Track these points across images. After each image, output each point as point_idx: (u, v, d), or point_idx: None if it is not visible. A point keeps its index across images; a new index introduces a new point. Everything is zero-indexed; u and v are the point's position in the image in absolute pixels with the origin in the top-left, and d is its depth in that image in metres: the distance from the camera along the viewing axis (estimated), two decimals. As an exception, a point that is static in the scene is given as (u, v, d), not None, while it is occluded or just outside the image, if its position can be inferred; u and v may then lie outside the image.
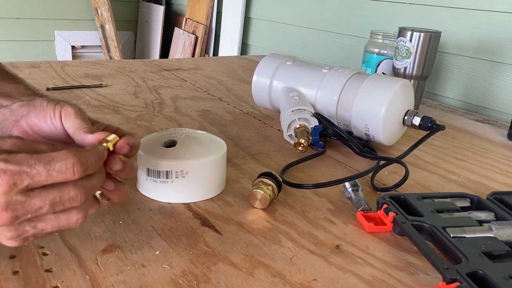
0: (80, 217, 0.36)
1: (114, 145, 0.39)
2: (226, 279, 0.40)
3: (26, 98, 0.42)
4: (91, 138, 0.39)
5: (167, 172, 0.51)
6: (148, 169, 0.52)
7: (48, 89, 0.96)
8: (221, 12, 2.04)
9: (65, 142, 0.41)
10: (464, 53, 1.11)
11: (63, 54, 2.56)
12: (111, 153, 0.39)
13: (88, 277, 0.39)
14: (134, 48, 2.81)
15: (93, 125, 0.42)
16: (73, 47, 2.60)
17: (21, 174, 0.32)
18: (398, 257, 0.46)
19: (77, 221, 0.36)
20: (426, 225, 0.48)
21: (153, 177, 0.52)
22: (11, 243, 0.35)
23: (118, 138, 0.40)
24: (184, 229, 0.48)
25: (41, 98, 0.42)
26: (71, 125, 0.40)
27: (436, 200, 0.54)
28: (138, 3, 2.75)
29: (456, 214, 0.51)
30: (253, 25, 1.88)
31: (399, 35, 0.95)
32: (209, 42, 2.16)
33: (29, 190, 0.33)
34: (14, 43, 2.39)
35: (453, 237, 0.46)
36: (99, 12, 2.48)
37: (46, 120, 0.40)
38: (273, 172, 0.55)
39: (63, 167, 0.33)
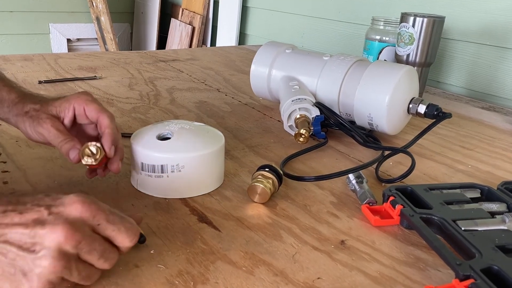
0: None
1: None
2: (225, 279, 0.38)
3: (27, 118, 0.49)
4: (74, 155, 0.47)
5: (162, 166, 0.49)
6: (142, 163, 0.50)
7: (40, 82, 0.93)
8: (218, 2, 2.00)
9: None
10: (469, 39, 1.08)
11: (59, 47, 2.52)
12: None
13: (77, 279, 0.37)
14: (131, 40, 2.77)
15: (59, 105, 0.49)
16: (68, 40, 2.56)
17: (100, 213, 0.35)
18: (406, 252, 0.44)
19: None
20: (436, 218, 0.45)
21: (148, 171, 0.50)
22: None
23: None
24: (180, 226, 0.45)
25: (39, 118, 0.48)
26: (53, 138, 0.48)
27: (444, 191, 0.51)
28: (133, -6, 2.71)
29: (467, 206, 0.48)
30: (251, 14, 1.85)
31: (401, 21, 0.92)
32: (206, 32, 2.12)
33: (95, 231, 0.35)
34: (9, 36, 2.35)
35: (464, 230, 0.43)
36: (94, 4, 2.44)
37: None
38: (273, 165, 0.53)
39: (130, 228, 0.36)
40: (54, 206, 0.34)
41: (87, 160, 0.45)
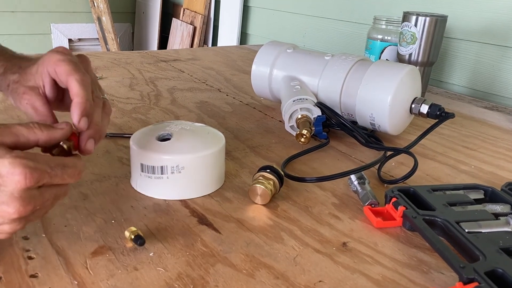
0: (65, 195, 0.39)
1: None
2: (225, 282, 0.38)
3: (9, 94, 0.45)
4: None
5: (162, 167, 0.48)
6: (142, 165, 0.49)
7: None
8: (219, 1, 1.99)
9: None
10: (471, 38, 1.07)
11: (60, 47, 2.52)
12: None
13: (76, 282, 0.36)
14: (132, 40, 2.77)
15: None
16: (70, 40, 2.56)
17: (44, 173, 0.35)
18: (409, 255, 0.43)
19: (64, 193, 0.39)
20: (439, 219, 0.45)
21: (148, 172, 0.49)
22: (5, 236, 0.36)
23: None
24: (180, 228, 0.45)
25: (17, 94, 0.44)
26: (63, 72, 0.42)
27: (447, 192, 0.51)
28: (135, -6, 2.71)
29: (470, 207, 0.48)
30: (252, 14, 1.84)
31: (403, 20, 0.92)
32: (207, 32, 2.11)
33: (41, 186, 0.35)
34: (10, 37, 2.35)
35: (468, 232, 0.43)
36: (95, 4, 2.44)
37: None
38: (275, 166, 0.52)
39: (73, 173, 0.37)
40: None
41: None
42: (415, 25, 0.89)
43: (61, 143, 0.39)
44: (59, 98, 0.46)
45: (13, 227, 0.35)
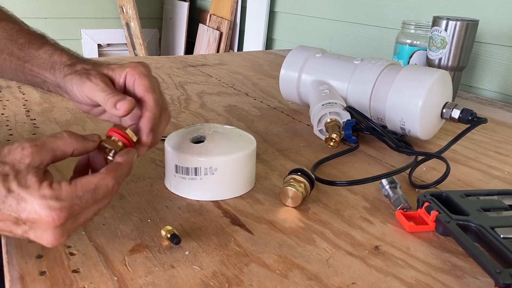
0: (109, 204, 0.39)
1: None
2: (259, 281, 0.38)
3: (59, 75, 0.47)
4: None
5: (195, 168, 0.49)
6: (176, 166, 0.50)
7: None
8: (245, 7, 2.01)
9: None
10: (503, 43, 1.05)
11: (90, 52, 2.59)
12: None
13: (116, 278, 0.38)
14: (159, 45, 2.82)
15: (115, 77, 0.45)
16: (99, 46, 2.62)
17: (74, 207, 0.35)
18: (442, 259, 0.43)
19: (104, 206, 0.39)
20: (473, 224, 0.44)
21: (182, 174, 0.50)
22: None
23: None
24: (213, 228, 0.46)
25: (65, 76, 0.45)
26: (97, 99, 0.44)
27: (481, 197, 0.50)
28: (162, 0, 2.76)
29: (505, 213, 0.47)
30: (278, 19, 1.85)
31: (433, 25, 0.91)
32: (233, 37, 2.14)
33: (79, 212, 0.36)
34: (43, 42, 2.43)
35: (503, 238, 0.42)
36: (124, 10, 2.50)
37: (80, 99, 0.46)
38: (305, 169, 0.53)
39: (105, 192, 0.37)
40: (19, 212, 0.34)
41: (108, 149, 0.40)
42: (445, 29, 0.89)
43: (109, 157, 0.41)
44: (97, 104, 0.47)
45: (51, 244, 0.36)
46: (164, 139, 0.54)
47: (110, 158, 0.40)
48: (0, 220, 0.34)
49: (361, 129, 0.70)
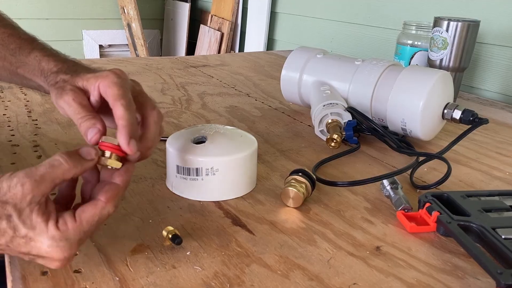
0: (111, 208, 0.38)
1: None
2: (261, 281, 0.38)
3: (50, 81, 0.45)
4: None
5: (197, 169, 0.50)
6: (177, 166, 0.51)
7: (76, 87, 0.95)
8: (246, 8, 2.02)
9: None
10: (504, 43, 1.05)
11: (91, 53, 2.60)
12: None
13: (117, 278, 0.38)
14: (160, 46, 2.83)
15: (91, 88, 0.43)
16: (100, 46, 2.63)
17: (81, 241, 0.36)
18: (443, 260, 0.43)
19: (108, 213, 0.38)
20: (474, 225, 0.44)
21: (183, 174, 0.50)
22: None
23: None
24: (215, 229, 0.46)
25: (51, 85, 0.44)
26: (72, 114, 0.42)
27: (482, 198, 0.50)
28: (164, 1, 2.76)
29: (506, 214, 0.47)
30: (279, 19, 1.85)
31: (434, 25, 0.91)
32: (234, 38, 2.14)
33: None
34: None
35: (504, 238, 0.42)
36: (125, 10, 2.50)
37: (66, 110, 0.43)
38: (306, 169, 0.53)
39: (107, 215, 0.38)
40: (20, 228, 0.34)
41: (105, 162, 0.39)
42: (447, 30, 0.89)
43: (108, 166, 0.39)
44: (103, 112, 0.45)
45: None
46: (166, 140, 0.54)
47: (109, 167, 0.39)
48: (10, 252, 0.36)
49: (362, 129, 0.70)
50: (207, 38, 2.28)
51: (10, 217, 0.34)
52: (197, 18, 2.52)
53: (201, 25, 2.38)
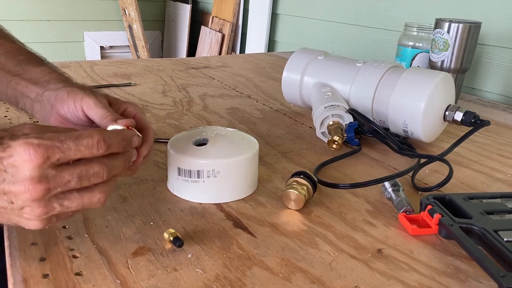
0: (102, 197, 0.37)
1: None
2: (262, 284, 0.38)
3: (52, 87, 0.46)
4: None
5: (198, 171, 0.50)
6: (179, 169, 0.51)
7: (77, 89, 0.96)
8: (247, 9, 2.02)
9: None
10: (506, 45, 1.05)
11: (92, 54, 2.60)
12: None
13: (119, 281, 0.38)
14: (161, 47, 2.83)
15: (114, 107, 0.46)
16: (101, 48, 2.63)
17: (54, 148, 0.34)
18: (446, 263, 0.43)
19: (98, 200, 0.37)
20: (476, 227, 0.44)
21: (184, 176, 0.50)
22: (36, 224, 0.36)
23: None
24: (216, 231, 0.46)
25: (64, 87, 0.46)
26: (95, 114, 0.43)
27: (484, 200, 0.50)
28: (165, 3, 2.77)
29: (508, 216, 0.47)
30: (280, 21, 1.85)
31: (436, 27, 0.91)
32: (235, 39, 2.14)
33: (58, 165, 0.35)
34: (45, 44, 2.44)
35: (507, 241, 0.42)
36: (126, 12, 2.50)
37: (70, 111, 0.45)
38: (308, 171, 0.53)
39: (90, 142, 0.35)
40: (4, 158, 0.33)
41: None
42: (448, 31, 0.89)
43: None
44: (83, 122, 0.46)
45: (34, 211, 0.35)
46: (167, 142, 0.54)
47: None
48: None
49: (363, 131, 0.70)
50: (208, 40, 2.28)
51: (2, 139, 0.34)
52: (198, 19, 2.52)
53: (202, 27, 2.39)
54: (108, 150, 0.37)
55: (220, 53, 2.17)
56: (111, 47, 2.66)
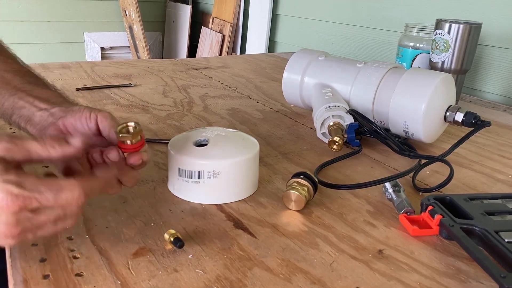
0: (74, 221, 0.38)
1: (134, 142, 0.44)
2: (263, 285, 0.38)
3: (66, 105, 0.48)
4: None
5: (199, 172, 0.49)
6: (179, 169, 0.50)
7: (78, 89, 0.96)
8: (248, 10, 2.02)
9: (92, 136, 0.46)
10: (506, 45, 1.05)
11: (93, 55, 2.60)
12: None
13: (119, 282, 0.38)
14: (162, 48, 2.83)
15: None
16: (102, 48, 2.63)
17: (32, 199, 0.34)
18: (446, 263, 0.43)
19: (70, 224, 0.38)
20: (477, 228, 0.44)
21: (185, 177, 0.50)
22: (7, 244, 0.37)
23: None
24: (217, 232, 0.46)
25: (80, 105, 0.48)
26: (107, 125, 0.45)
27: (485, 201, 0.50)
28: (165, 3, 2.77)
29: (509, 217, 0.47)
30: (280, 22, 1.85)
31: (436, 28, 0.91)
32: (236, 40, 2.14)
33: (36, 209, 0.35)
34: (46, 45, 2.44)
35: (507, 242, 0.42)
36: (127, 13, 2.51)
37: (81, 120, 0.46)
38: (308, 172, 0.53)
39: (69, 197, 0.36)
40: None
41: (123, 137, 0.43)
42: (448, 32, 0.89)
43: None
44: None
45: (7, 242, 0.35)
46: (167, 142, 0.54)
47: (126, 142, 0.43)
48: None
49: (364, 132, 0.70)
50: (209, 40, 2.28)
51: None
52: (199, 20, 2.52)
53: (203, 27, 2.39)
54: (87, 198, 0.37)
55: (220, 54, 2.17)
56: (111, 47, 2.66)
